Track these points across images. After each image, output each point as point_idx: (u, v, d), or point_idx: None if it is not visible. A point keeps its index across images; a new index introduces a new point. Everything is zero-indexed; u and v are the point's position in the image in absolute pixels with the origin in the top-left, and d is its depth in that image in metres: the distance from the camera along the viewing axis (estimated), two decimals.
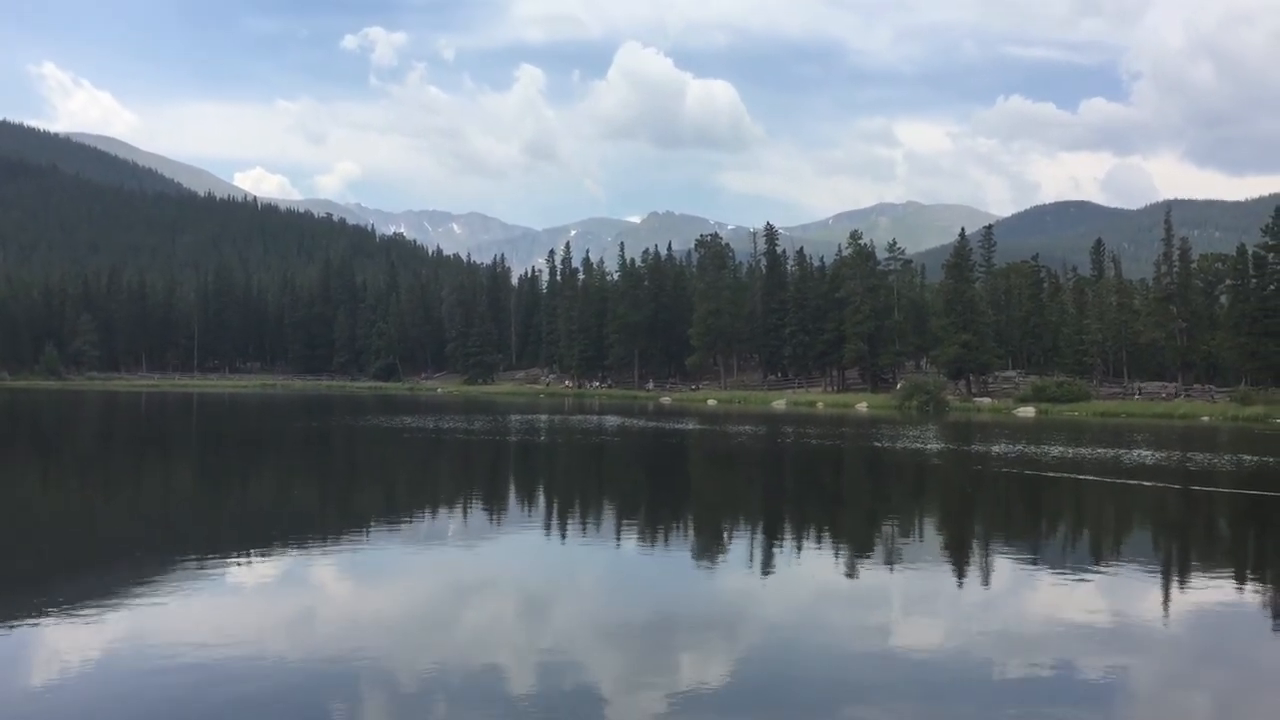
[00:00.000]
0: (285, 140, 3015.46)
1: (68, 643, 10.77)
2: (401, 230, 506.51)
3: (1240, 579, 16.13)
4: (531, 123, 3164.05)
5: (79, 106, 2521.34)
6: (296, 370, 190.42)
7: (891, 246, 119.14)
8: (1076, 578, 15.65)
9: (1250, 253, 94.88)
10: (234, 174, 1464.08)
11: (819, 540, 20.03)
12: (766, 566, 16.25)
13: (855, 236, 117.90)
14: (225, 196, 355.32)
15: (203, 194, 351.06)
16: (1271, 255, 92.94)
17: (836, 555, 17.86)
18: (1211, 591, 14.76)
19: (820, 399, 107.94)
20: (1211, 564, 17.63)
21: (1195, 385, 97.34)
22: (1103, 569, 16.58)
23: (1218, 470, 34.30)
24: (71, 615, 11.81)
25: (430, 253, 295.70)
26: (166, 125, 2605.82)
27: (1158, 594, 14.54)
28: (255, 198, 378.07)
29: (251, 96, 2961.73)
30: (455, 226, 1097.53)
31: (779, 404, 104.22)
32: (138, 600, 12.72)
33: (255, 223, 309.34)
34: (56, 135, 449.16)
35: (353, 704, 8.92)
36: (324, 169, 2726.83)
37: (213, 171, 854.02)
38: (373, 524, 20.77)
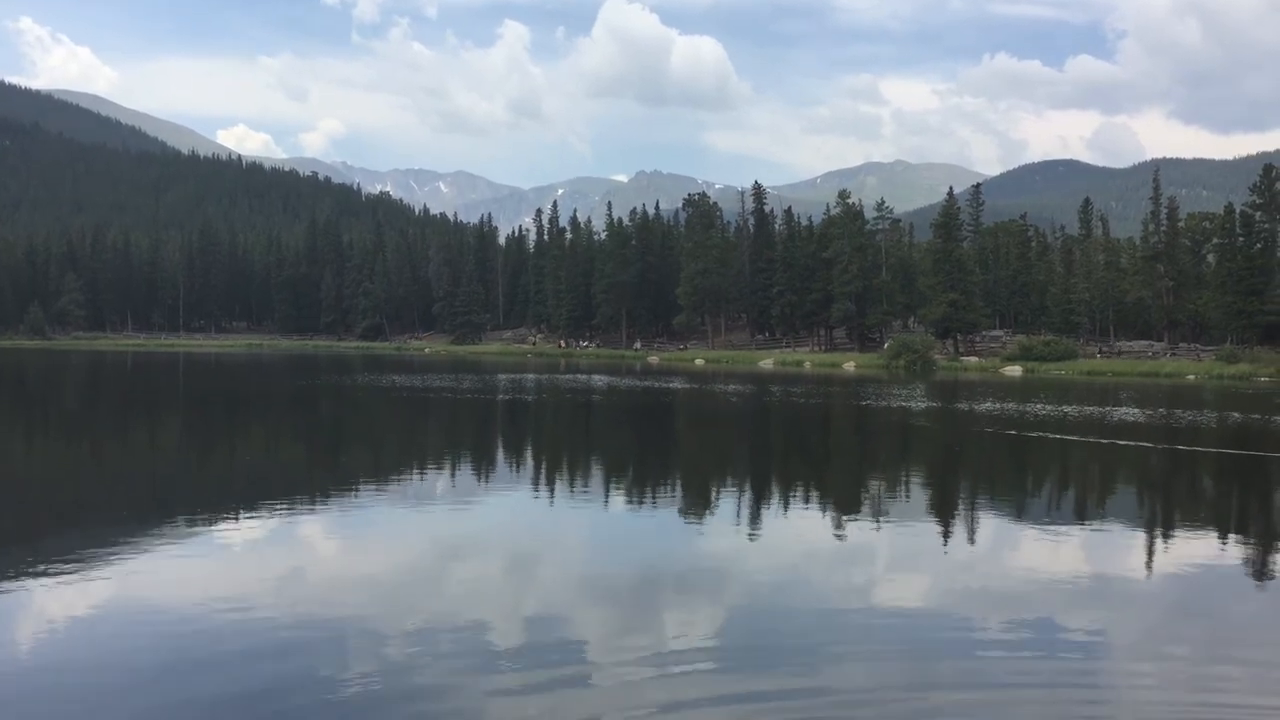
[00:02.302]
0: (267, 97, 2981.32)
1: (54, 602, 10.77)
2: (388, 189, 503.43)
3: (1222, 536, 16.27)
4: (516, 80, 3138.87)
5: (58, 62, 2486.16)
6: (283, 330, 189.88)
7: (880, 206, 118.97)
8: (1060, 535, 15.76)
9: (1237, 212, 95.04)
10: (217, 131, 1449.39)
11: (806, 498, 20.13)
12: (754, 524, 16.33)
13: (843, 196, 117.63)
14: (209, 155, 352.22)
15: (186, 152, 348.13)
16: (1259, 214, 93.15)
17: (823, 513, 17.95)
18: (1193, 548, 14.90)
19: (808, 358, 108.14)
20: (1194, 521, 17.80)
21: (1181, 344, 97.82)
22: (1086, 526, 16.71)
23: (1202, 428, 34.54)
24: (57, 574, 11.79)
25: (417, 212, 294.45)
26: (147, 81, 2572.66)
27: (1140, 551, 14.66)
28: (240, 156, 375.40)
29: (232, 52, 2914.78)
30: (442, 186, 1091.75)
31: (766, 364, 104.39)
32: (125, 559, 12.71)
33: (240, 181, 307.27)
34: (38, 92, 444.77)
35: (340, 662, 8.95)
36: (307, 127, 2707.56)
37: (195, 129, 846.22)
38: (361, 483, 20.78)
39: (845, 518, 17.11)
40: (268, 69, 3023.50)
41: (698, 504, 18.73)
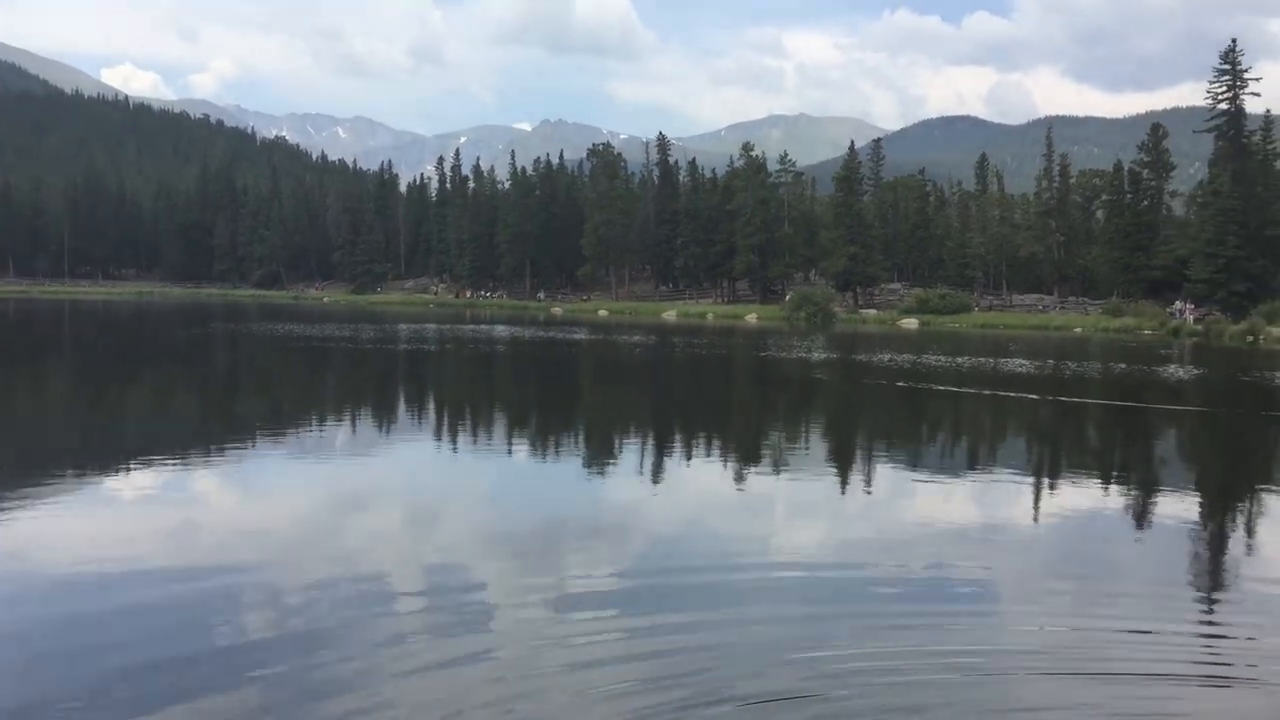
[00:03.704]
0: (154, 36, 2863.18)
1: None
2: (284, 134, 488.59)
3: (1105, 483, 16.90)
4: (417, 23, 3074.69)
5: None
6: (174, 278, 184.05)
7: (783, 159, 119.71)
8: (951, 484, 16.21)
9: (1126, 169, 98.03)
10: (101, 70, 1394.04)
11: (707, 448, 20.32)
12: (656, 474, 16.44)
13: (747, 148, 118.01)
14: (94, 94, 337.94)
15: (70, 91, 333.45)
16: (1146, 172, 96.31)
17: (724, 463, 18.16)
18: (1078, 495, 15.46)
19: (711, 310, 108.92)
20: (1079, 470, 18.43)
21: (1070, 298, 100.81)
22: (977, 475, 17.20)
23: (1088, 380, 35.75)
24: None
25: (314, 158, 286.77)
26: (26, 16, 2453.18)
27: (1028, 498, 15.15)
28: (127, 96, 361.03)
29: None
30: (340, 131, 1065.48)
31: (670, 315, 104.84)
32: (10, 513, 12.29)
33: (127, 123, 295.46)
34: None
35: (236, 615, 8.80)
36: (198, 67, 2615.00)
37: (79, 67, 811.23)
38: (257, 434, 20.37)
39: (745, 468, 17.33)
40: (154, 5, 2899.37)
41: (599, 455, 18.79)
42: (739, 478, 16.33)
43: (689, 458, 18.71)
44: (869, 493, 15.36)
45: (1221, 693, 7.51)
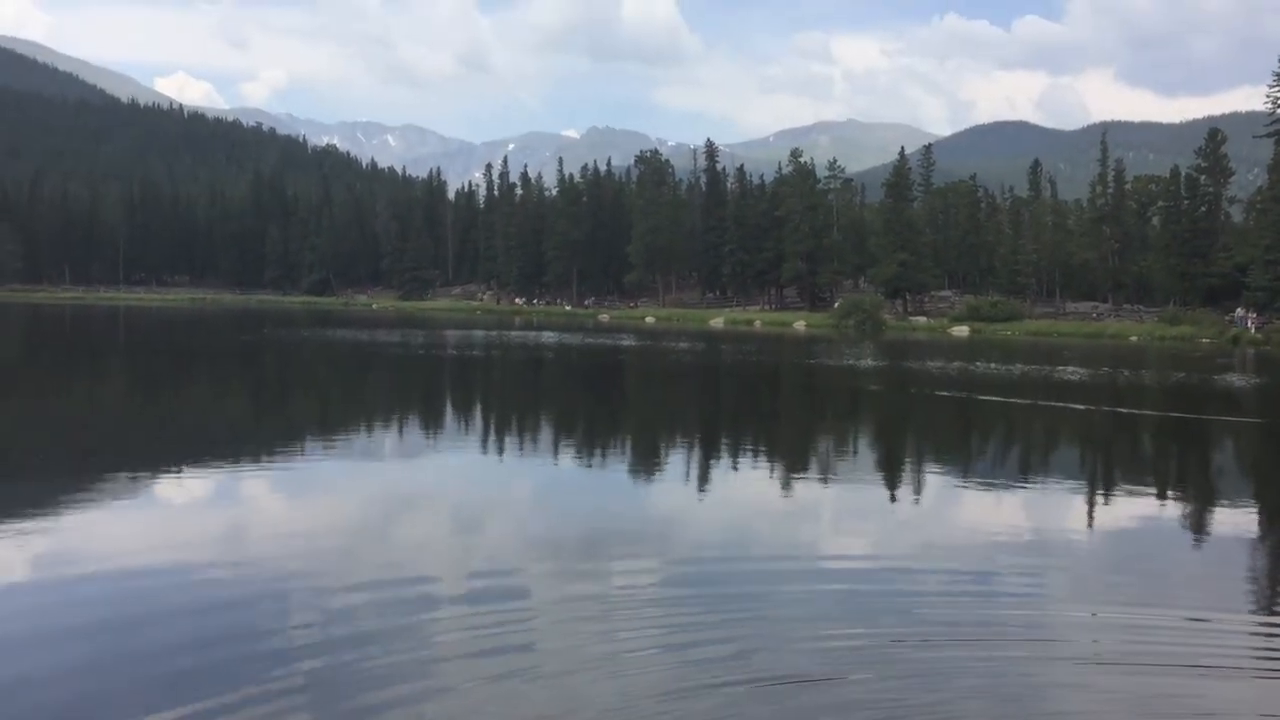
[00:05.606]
0: (207, 45, 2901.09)
1: None
2: (334, 142, 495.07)
3: (1160, 494, 16.54)
4: (464, 32, 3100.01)
5: None
6: (227, 284, 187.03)
7: (831, 165, 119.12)
8: (1002, 493, 15.94)
9: (1183, 175, 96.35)
10: (155, 79, 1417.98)
11: (755, 456, 20.17)
12: (703, 482, 16.34)
13: (795, 154, 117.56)
14: (149, 103, 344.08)
15: (126, 100, 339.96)
16: (1203, 177, 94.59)
17: (771, 471, 18.00)
18: (1131, 505, 15.18)
19: (758, 317, 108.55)
20: (1133, 480, 18.07)
21: (1125, 305, 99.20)
22: (1028, 484, 16.92)
23: (1144, 389, 35.11)
24: None
25: (364, 165, 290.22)
26: (83, 27, 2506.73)
27: (1080, 507, 14.86)
28: (181, 105, 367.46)
29: None
30: (390, 139, 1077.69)
31: (717, 322, 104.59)
32: (64, 514, 12.45)
33: (181, 131, 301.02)
34: None
35: (284, 619, 8.82)
36: (250, 76, 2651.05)
37: (134, 76, 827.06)
38: (307, 439, 20.53)
39: (792, 475, 17.17)
40: (207, 15, 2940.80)
41: (648, 462, 18.70)
42: (786, 484, 16.18)
43: (736, 464, 18.58)
44: (917, 500, 15.15)
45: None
